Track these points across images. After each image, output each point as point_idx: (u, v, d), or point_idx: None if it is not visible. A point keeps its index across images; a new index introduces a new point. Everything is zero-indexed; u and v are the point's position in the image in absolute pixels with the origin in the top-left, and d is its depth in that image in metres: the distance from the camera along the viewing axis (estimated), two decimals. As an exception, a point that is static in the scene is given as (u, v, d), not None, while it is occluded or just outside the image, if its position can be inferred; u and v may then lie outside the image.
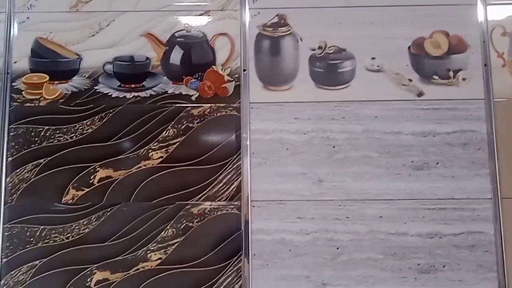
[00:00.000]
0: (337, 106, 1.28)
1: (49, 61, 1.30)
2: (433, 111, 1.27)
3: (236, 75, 1.30)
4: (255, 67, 1.30)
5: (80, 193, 1.25)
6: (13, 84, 1.30)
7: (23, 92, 1.29)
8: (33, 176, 1.26)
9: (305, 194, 1.25)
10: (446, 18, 1.30)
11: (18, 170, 1.26)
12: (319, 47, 1.30)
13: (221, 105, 1.29)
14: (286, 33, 1.31)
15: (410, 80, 1.29)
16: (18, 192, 1.26)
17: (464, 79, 1.28)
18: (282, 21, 1.31)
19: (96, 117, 1.28)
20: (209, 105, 1.29)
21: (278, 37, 1.31)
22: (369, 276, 1.22)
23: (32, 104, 1.29)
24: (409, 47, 1.30)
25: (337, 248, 1.23)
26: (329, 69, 1.30)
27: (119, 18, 1.31)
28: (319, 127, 1.28)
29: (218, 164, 1.26)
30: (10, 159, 1.27)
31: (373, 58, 1.30)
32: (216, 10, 1.31)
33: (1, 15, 1.30)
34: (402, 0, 1.30)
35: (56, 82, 1.29)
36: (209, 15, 1.31)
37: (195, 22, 1.31)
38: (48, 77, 1.30)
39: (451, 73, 1.29)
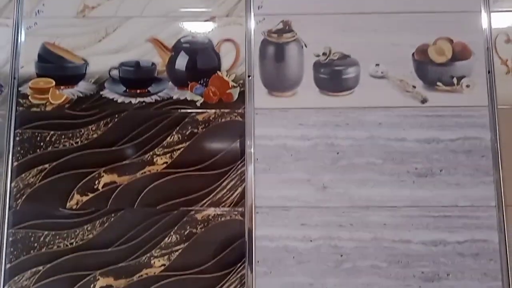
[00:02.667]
0: (342, 112, 1.29)
1: (55, 66, 1.32)
2: (437, 118, 1.28)
3: (241, 81, 1.31)
4: (260, 73, 1.31)
5: (85, 198, 1.26)
6: (20, 89, 1.31)
7: (29, 97, 1.30)
8: (38, 181, 1.26)
9: (309, 200, 1.25)
10: (450, 25, 1.30)
11: (23, 175, 1.27)
12: (324, 54, 1.31)
13: (226, 110, 1.30)
14: (290, 39, 1.32)
15: (414, 87, 1.29)
16: (23, 197, 1.26)
17: (468, 86, 1.29)
18: (287, 27, 1.32)
19: (102, 122, 1.29)
20: (213, 110, 1.30)
21: (283, 43, 1.32)
22: (373, 284, 1.21)
23: (38, 109, 1.30)
24: (413, 54, 1.30)
25: (341, 256, 1.22)
26: (333, 75, 1.30)
27: (126, 24, 1.32)
28: (323, 133, 1.28)
29: (222, 170, 1.26)
30: (15, 163, 1.27)
31: (377, 65, 1.30)
32: (222, 16, 1.32)
33: (9, 20, 1.32)
34: (406, 7, 1.31)
35: (62, 87, 1.30)
36: (214, 21, 1.32)
37: (201, 28, 1.32)
38: (54, 82, 1.31)
39: (455, 80, 1.29)
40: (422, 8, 1.31)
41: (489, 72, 1.29)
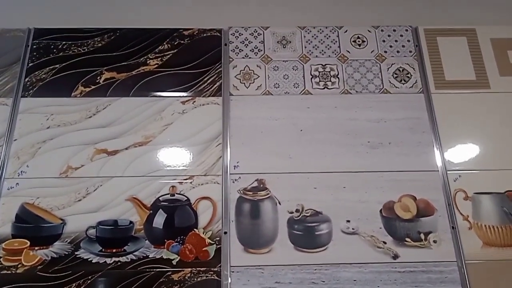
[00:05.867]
0: (317, 269, 1.30)
1: (32, 226, 1.32)
2: (409, 273, 1.30)
3: (217, 238, 1.33)
4: (236, 229, 1.34)
5: None
6: (-8, 252, 1.29)
7: (1, 259, 1.28)
8: None
9: None
10: (412, 183, 1.40)
11: None
12: (297, 210, 1.37)
13: (202, 269, 1.29)
14: (265, 196, 1.38)
15: (385, 243, 1.34)
16: None
17: (435, 241, 1.34)
18: (261, 185, 1.40)
19: (74, 284, 1.25)
20: (189, 269, 1.29)
21: (258, 201, 1.38)
22: None
23: (9, 272, 1.26)
24: (380, 210, 1.38)
25: None
26: (307, 232, 1.35)
27: (107, 184, 1.37)
28: (299, 292, 1.28)
29: (197, 334, 1.22)
30: (-25, 334, 1.20)
31: (348, 221, 1.36)
32: (200, 175, 1.40)
33: (-10, 184, 1.35)
34: (371, 166, 1.42)
35: (36, 248, 1.29)
36: (192, 180, 1.39)
37: (179, 186, 1.39)
38: (29, 243, 1.29)
39: (422, 236, 1.35)
40: (385, 167, 1.42)
41: (453, 228, 1.36)
